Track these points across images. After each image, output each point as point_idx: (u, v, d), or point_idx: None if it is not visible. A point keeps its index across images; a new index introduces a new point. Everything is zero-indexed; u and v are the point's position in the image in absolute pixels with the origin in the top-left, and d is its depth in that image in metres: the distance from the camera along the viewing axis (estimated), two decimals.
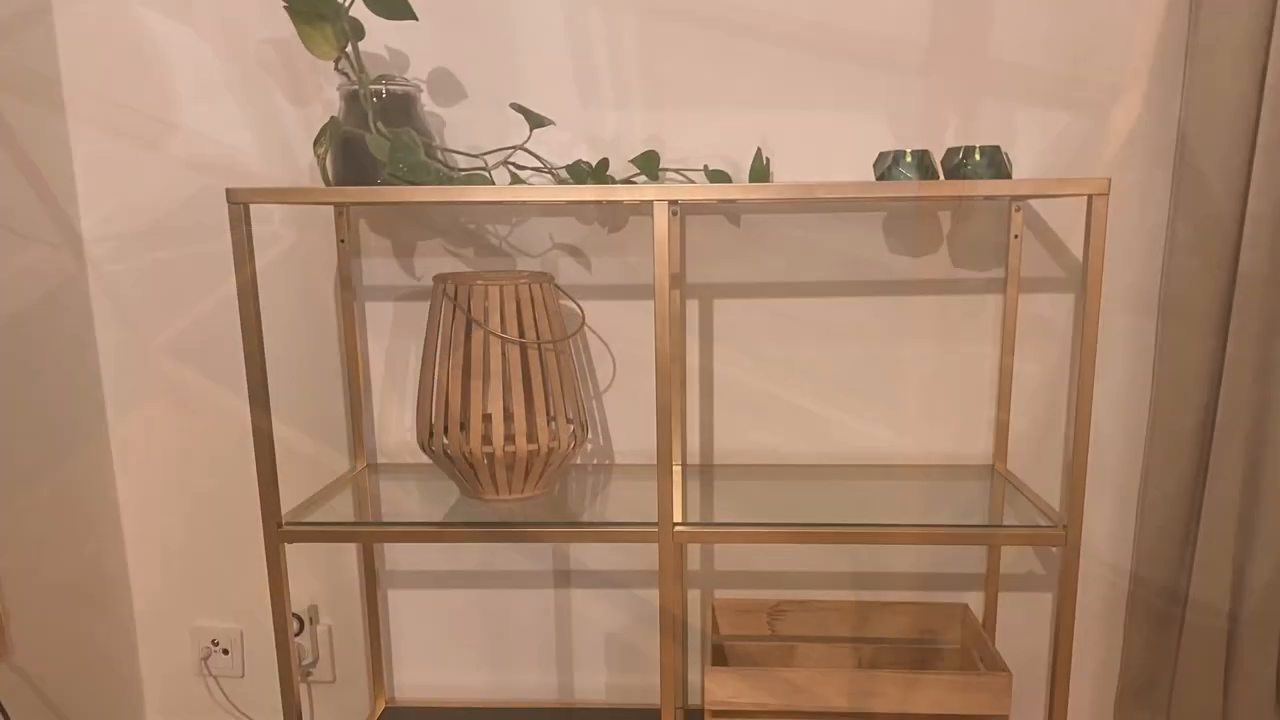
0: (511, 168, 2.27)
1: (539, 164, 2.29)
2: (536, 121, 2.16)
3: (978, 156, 1.96)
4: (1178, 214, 2.22)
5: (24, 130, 2.31)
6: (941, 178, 2.04)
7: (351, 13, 2.10)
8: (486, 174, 2.16)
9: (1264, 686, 2.41)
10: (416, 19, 2.11)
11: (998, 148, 1.96)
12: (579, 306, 2.44)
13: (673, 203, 1.96)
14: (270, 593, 2.08)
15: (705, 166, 2.35)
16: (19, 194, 2.29)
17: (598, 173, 2.22)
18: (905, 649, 2.53)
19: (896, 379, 2.46)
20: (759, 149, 2.28)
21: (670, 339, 1.92)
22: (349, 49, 2.06)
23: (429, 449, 2.19)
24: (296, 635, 2.64)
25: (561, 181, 2.28)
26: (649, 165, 2.25)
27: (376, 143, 2.01)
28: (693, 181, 2.32)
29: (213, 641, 2.69)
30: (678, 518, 2.07)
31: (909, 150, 1.99)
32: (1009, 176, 1.98)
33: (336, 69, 2.11)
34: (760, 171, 2.25)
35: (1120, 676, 2.53)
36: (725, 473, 2.45)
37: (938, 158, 2.19)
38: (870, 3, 2.30)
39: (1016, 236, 2.32)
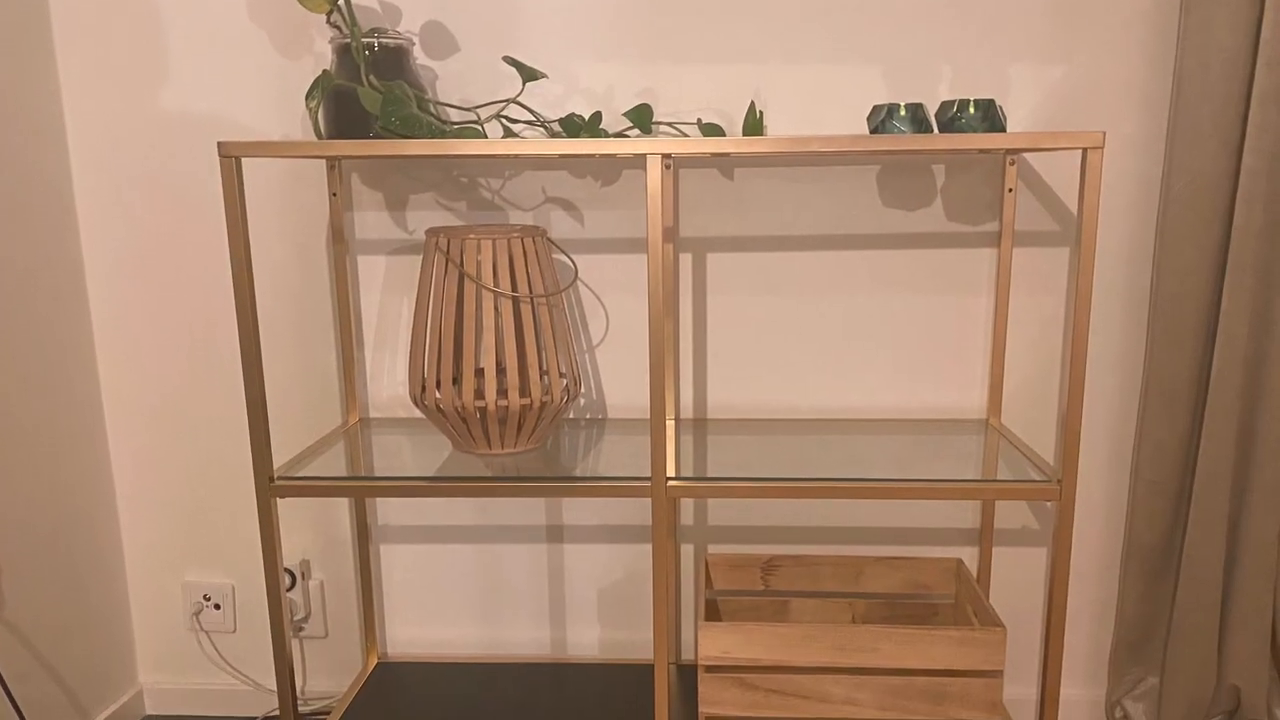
0: (504, 121, 2.28)
1: (532, 117, 2.31)
2: (529, 75, 2.18)
3: (972, 109, 1.98)
4: (1173, 167, 2.24)
5: (14, 83, 2.33)
6: (935, 131, 2.06)
7: None
8: (479, 127, 2.18)
9: (1259, 640, 2.45)
10: None
11: (992, 101, 1.98)
12: (572, 260, 2.47)
13: (666, 156, 1.98)
14: (262, 547, 2.11)
15: (699, 120, 2.37)
16: (9, 147, 2.32)
17: (591, 126, 2.24)
18: (899, 604, 2.57)
19: (890, 333, 2.49)
20: (752, 102, 2.30)
21: (663, 293, 1.94)
22: (341, 2, 2.08)
23: (421, 403, 2.22)
24: (288, 590, 2.67)
25: (554, 135, 2.29)
26: (642, 119, 2.27)
27: (368, 96, 2.03)
28: (686, 135, 2.34)
29: (204, 596, 2.72)
30: (671, 472, 2.09)
31: (903, 103, 2.02)
32: (1003, 130, 2.00)
33: (329, 22, 2.13)
34: (754, 125, 2.27)
35: (1115, 630, 2.57)
36: (718, 427, 2.48)
37: (932, 111, 2.21)
38: None
39: (1011, 190, 2.34)
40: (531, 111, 2.28)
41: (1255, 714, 2.50)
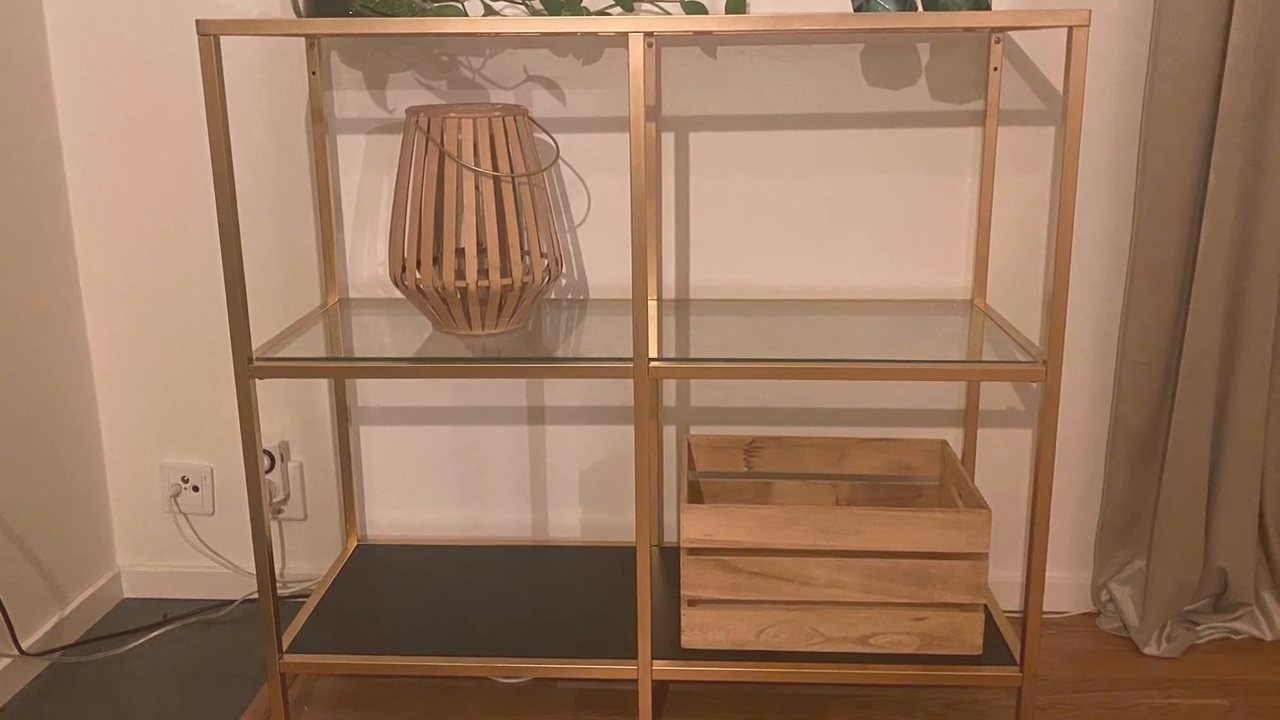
0: None
1: None
2: None
3: None
4: (1159, 46, 2.29)
5: None
6: (920, 9, 2.10)
7: None
8: (459, 5, 2.21)
9: (1246, 522, 2.54)
10: None
11: None
12: (553, 139, 2.50)
13: (648, 34, 2.01)
14: (241, 429, 2.14)
15: None
16: None
17: (572, 4, 2.27)
18: (883, 486, 2.64)
19: (875, 213, 2.55)
20: None
21: (645, 172, 2.00)
22: None
23: (401, 283, 2.28)
24: (267, 472, 2.73)
25: (535, 13, 2.33)
26: None
27: None
28: (669, 13, 2.37)
29: (182, 478, 2.79)
30: (653, 353, 2.14)
31: None
32: (988, 8, 2.06)
33: None
34: (737, 3, 2.30)
35: (1101, 513, 2.65)
36: (701, 308, 2.55)
37: None
38: None
39: (996, 69, 2.39)
40: None
41: (1242, 597, 2.58)
